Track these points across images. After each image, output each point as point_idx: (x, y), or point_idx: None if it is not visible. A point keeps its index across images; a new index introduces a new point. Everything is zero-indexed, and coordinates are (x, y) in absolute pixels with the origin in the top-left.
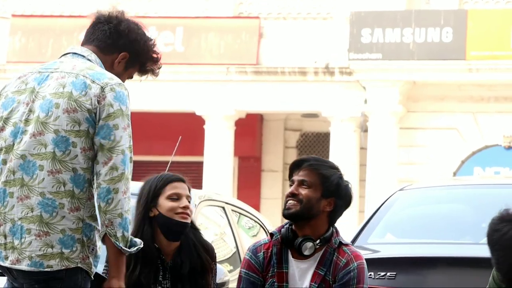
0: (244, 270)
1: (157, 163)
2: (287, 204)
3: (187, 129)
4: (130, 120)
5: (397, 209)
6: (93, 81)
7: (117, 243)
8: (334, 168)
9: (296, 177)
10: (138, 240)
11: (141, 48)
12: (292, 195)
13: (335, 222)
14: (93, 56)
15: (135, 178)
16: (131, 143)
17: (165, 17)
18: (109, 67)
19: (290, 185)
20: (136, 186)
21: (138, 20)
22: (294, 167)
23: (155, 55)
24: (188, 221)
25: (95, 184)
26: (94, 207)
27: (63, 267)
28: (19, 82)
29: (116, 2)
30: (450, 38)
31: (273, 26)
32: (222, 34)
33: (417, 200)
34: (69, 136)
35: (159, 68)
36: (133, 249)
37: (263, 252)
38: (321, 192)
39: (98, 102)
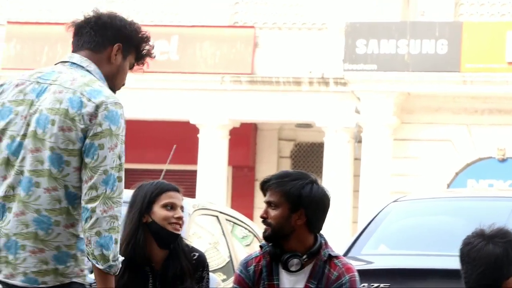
0: (235, 286)
1: (151, 171)
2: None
3: (181, 138)
4: (123, 139)
5: (391, 221)
6: (89, 99)
7: (95, 261)
8: (297, 179)
9: (264, 199)
10: (121, 259)
11: (129, 31)
12: (263, 219)
13: (318, 230)
14: (92, 66)
15: (128, 186)
16: (120, 162)
17: (160, 26)
18: (107, 63)
19: None
20: (127, 194)
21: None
22: (261, 189)
23: (144, 34)
24: (180, 232)
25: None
26: None
27: (58, 283)
28: (17, 91)
29: (111, 10)
30: (445, 50)
31: (268, 35)
32: (217, 43)
33: (411, 212)
34: (63, 154)
35: (153, 47)
36: (106, 266)
37: (254, 265)
38: (288, 208)
39: (90, 120)
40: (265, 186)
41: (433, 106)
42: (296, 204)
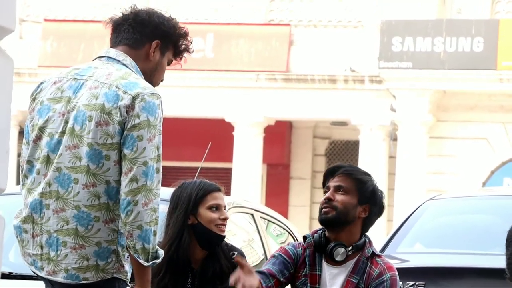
0: (279, 253)
1: (186, 168)
2: (323, 209)
3: (216, 136)
4: (160, 129)
5: (427, 219)
6: (125, 92)
7: (136, 255)
8: (368, 175)
9: (331, 183)
10: (161, 252)
11: (167, 28)
12: (328, 201)
13: (368, 229)
14: (128, 60)
15: (164, 183)
16: (158, 153)
17: (195, 23)
18: (145, 60)
19: (325, 192)
20: (166, 192)
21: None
22: (329, 173)
23: (182, 30)
24: (225, 233)
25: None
26: None
27: (99, 279)
28: (55, 88)
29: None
30: (481, 48)
31: (304, 33)
32: (252, 41)
33: (447, 210)
34: (102, 150)
35: (191, 43)
36: (151, 263)
37: (301, 249)
38: (357, 198)
39: (127, 112)
40: (337, 171)
41: (469, 104)
42: (366, 198)
